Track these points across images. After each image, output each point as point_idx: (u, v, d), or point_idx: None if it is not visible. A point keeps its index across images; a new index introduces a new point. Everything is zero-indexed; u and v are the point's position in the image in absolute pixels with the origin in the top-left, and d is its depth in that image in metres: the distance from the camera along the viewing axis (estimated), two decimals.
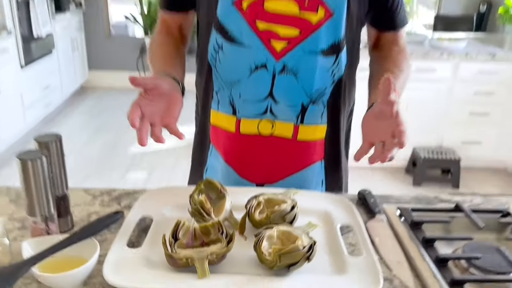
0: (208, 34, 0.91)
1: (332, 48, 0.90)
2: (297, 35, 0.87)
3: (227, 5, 0.87)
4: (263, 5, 0.86)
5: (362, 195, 0.94)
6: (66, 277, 0.64)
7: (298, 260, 0.67)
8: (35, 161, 0.69)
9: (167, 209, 0.82)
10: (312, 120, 0.95)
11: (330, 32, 0.88)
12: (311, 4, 0.86)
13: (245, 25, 0.87)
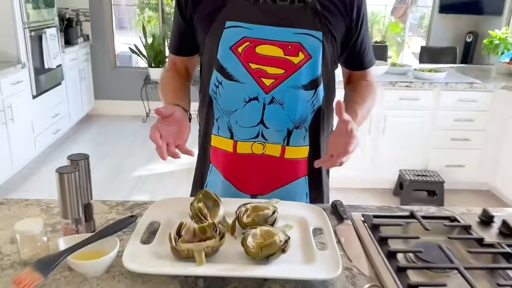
0: (210, 73, 1.12)
1: (311, 84, 1.10)
2: (282, 73, 1.08)
3: (226, 50, 1.07)
4: (255, 50, 1.06)
5: (334, 204, 1.13)
6: (93, 264, 0.82)
7: (275, 251, 0.85)
8: (70, 175, 0.88)
9: (172, 215, 1.01)
10: (296, 142, 1.15)
11: (309, 71, 1.09)
12: (293, 50, 1.07)
13: (240, 65, 1.07)
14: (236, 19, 1.05)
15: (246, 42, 1.05)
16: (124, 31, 7.45)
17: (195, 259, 0.84)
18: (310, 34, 1.06)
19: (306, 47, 1.06)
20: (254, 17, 1.05)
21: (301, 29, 1.06)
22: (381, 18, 6.79)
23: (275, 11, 1.06)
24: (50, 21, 3.87)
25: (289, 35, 1.06)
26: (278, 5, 1.06)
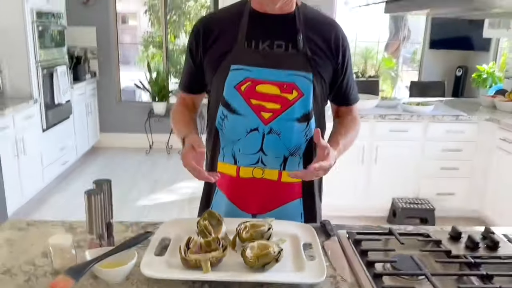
0: (216, 108, 1.29)
1: (304, 117, 1.28)
2: (279, 108, 1.26)
3: (230, 88, 1.25)
4: (255, 88, 1.25)
5: (323, 223, 1.28)
6: (116, 272, 0.97)
7: (270, 261, 1.00)
8: (96, 196, 1.04)
9: (180, 232, 1.16)
10: (291, 167, 1.31)
11: (302, 106, 1.27)
12: (288, 88, 1.25)
13: (243, 101, 1.25)
14: (239, 63, 1.24)
15: (248, 82, 1.24)
16: (127, 67, 7.75)
17: (202, 267, 0.99)
18: (302, 75, 1.25)
19: (299, 86, 1.25)
20: (255, 61, 1.24)
21: (295, 71, 1.25)
22: (375, 54, 7.09)
23: (272, 56, 1.25)
24: (61, 59, 4.12)
25: (284, 76, 1.24)
26: (275, 52, 1.26)
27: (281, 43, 1.25)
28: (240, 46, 1.25)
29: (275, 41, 1.25)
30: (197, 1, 6.85)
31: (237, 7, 1.31)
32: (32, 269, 1.03)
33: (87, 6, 4.95)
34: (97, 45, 5.08)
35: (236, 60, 1.24)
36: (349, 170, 3.23)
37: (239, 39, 1.25)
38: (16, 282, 0.98)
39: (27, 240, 1.18)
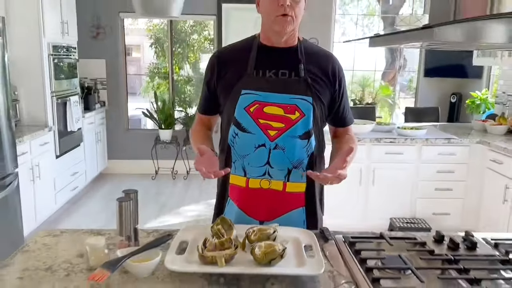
0: (228, 127, 1.49)
1: (305, 135, 1.47)
2: (283, 126, 1.45)
3: (241, 110, 1.45)
4: (263, 110, 1.44)
5: (322, 230, 1.45)
6: (145, 266, 1.13)
7: (276, 257, 1.16)
8: (126, 203, 1.22)
9: (196, 236, 1.32)
10: (295, 179, 1.49)
11: (303, 125, 1.46)
12: (291, 110, 1.45)
13: (252, 121, 1.45)
14: (249, 88, 1.45)
15: (256, 104, 1.44)
16: (132, 97, 8.02)
17: (217, 263, 1.15)
18: (303, 99, 1.45)
19: (300, 108, 1.45)
20: (262, 86, 1.45)
21: (297, 95, 1.45)
22: (372, 82, 7.35)
23: (277, 83, 1.45)
24: (73, 89, 4.35)
25: (287, 99, 1.44)
26: (280, 78, 1.46)
27: (285, 71, 1.46)
28: (249, 74, 1.45)
29: (280, 69, 1.46)
30: (201, 34, 7.17)
31: (247, 42, 1.53)
32: (70, 266, 1.19)
33: (97, 40, 5.23)
34: (106, 76, 5.34)
35: (246, 85, 1.45)
36: (348, 191, 3.40)
37: (249, 68, 1.46)
38: (57, 277, 1.14)
39: (62, 244, 1.34)
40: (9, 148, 2.94)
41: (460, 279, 1.14)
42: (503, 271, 1.20)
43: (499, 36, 0.88)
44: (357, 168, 3.43)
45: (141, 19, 7.01)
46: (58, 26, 4.00)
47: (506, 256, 1.28)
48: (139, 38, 10.11)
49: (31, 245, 1.33)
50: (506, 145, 3.19)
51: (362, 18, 8.27)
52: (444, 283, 1.13)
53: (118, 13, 5.28)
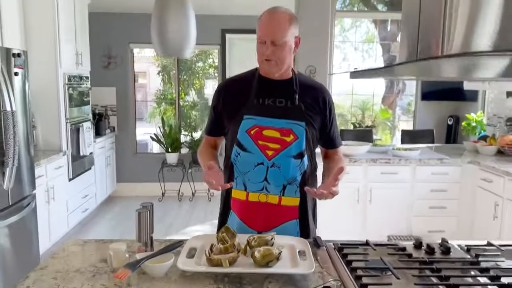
0: (232, 147, 1.69)
1: (299, 155, 1.67)
2: (279, 147, 1.65)
3: (243, 133, 1.65)
4: (262, 133, 1.65)
5: (314, 238, 1.63)
6: (159, 267, 1.32)
7: (273, 259, 1.35)
8: (144, 213, 1.42)
9: (204, 243, 1.51)
10: (289, 194, 1.68)
11: (297, 147, 1.66)
12: (286, 133, 1.65)
13: (252, 143, 1.65)
14: (250, 114, 1.66)
15: (256, 128, 1.65)
16: (139, 122, 8.31)
17: (222, 264, 1.34)
18: (297, 124, 1.66)
19: (295, 131, 1.65)
20: (262, 112, 1.66)
21: (292, 120, 1.66)
22: (371, 106, 7.58)
23: (275, 109, 1.66)
24: (86, 116, 4.60)
25: (283, 124, 1.65)
26: (277, 106, 1.67)
27: (282, 100, 1.68)
28: (251, 101, 1.67)
29: (277, 98, 1.67)
30: (206, 62, 7.49)
31: (250, 73, 1.76)
32: (95, 269, 1.39)
33: (108, 69, 5.53)
34: (116, 103, 5.61)
35: (248, 111, 1.66)
36: (346, 209, 3.57)
37: (251, 97, 1.67)
38: (86, 276, 1.33)
39: (87, 251, 1.54)
40: (27, 171, 3.15)
41: (432, 277, 1.32)
42: (472, 271, 1.38)
43: (450, 72, 1.08)
44: (355, 187, 3.61)
45: (147, 48, 7.33)
46: (73, 57, 4.29)
47: (475, 259, 1.46)
48: (145, 65, 10.49)
49: (60, 252, 1.53)
50: (495, 165, 3.37)
51: (362, 44, 8.59)
52: (418, 281, 1.30)
53: (128, 43, 5.59)
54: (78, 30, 4.39)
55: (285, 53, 1.62)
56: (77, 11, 4.38)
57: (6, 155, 2.78)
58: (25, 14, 3.81)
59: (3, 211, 2.83)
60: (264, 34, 1.60)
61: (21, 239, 3.06)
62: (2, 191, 2.82)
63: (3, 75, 2.79)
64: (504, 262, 1.44)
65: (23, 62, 3.09)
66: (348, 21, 8.30)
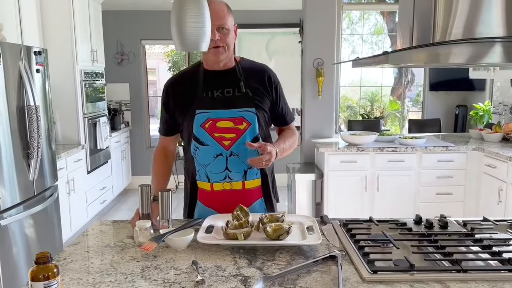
0: (190, 142, 1.76)
1: (253, 140, 1.74)
2: (234, 136, 1.73)
3: (198, 127, 1.73)
4: (216, 125, 1.72)
5: (321, 216, 1.76)
6: (182, 240, 1.46)
7: (283, 233, 1.48)
8: (167, 193, 1.57)
9: (220, 221, 1.65)
10: (251, 177, 1.77)
11: (251, 133, 1.74)
12: (239, 121, 1.73)
13: (208, 136, 1.73)
14: (202, 108, 1.73)
15: (210, 121, 1.72)
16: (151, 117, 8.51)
17: (238, 238, 1.48)
18: (248, 110, 1.73)
19: (246, 118, 1.73)
20: (213, 105, 1.73)
21: (242, 108, 1.73)
22: (380, 97, 7.67)
23: (224, 100, 1.73)
24: (102, 111, 4.78)
25: (235, 113, 1.72)
26: (226, 96, 1.74)
27: (229, 90, 1.75)
28: (200, 96, 1.73)
29: (225, 89, 1.75)
30: None
31: (193, 68, 1.82)
32: (123, 244, 1.54)
33: (121, 66, 5.70)
34: (130, 99, 5.78)
35: (199, 106, 1.73)
36: (354, 197, 3.69)
37: (199, 91, 1.74)
38: (115, 250, 1.48)
39: (114, 230, 1.69)
40: (50, 164, 3.33)
41: (430, 247, 1.44)
42: (466, 242, 1.50)
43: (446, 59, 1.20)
44: (362, 176, 3.73)
45: (157, 44, 7.48)
46: (88, 54, 4.45)
47: (471, 232, 1.57)
48: (155, 62, 10.68)
49: (90, 231, 1.68)
50: (499, 151, 3.46)
51: (371, 36, 8.65)
52: (416, 250, 1.43)
53: (140, 40, 5.74)
54: (92, 28, 4.56)
55: (230, 39, 1.69)
56: (91, 10, 4.55)
57: (31, 148, 2.96)
58: (42, 14, 3.98)
59: (28, 201, 3.01)
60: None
61: (45, 228, 3.24)
62: (27, 182, 3.00)
63: (26, 72, 2.95)
64: (497, 234, 1.56)
65: (43, 60, 3.26)
66: (356, 14, 8.36)
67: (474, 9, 1.27)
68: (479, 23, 1.27)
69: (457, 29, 1.25)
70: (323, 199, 3.78)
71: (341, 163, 3.74)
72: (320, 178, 3.83)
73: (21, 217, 2.89)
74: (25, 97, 2.91)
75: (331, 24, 4.19)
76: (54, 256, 1.42)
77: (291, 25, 5.12)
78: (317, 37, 4.21)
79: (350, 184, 3.74)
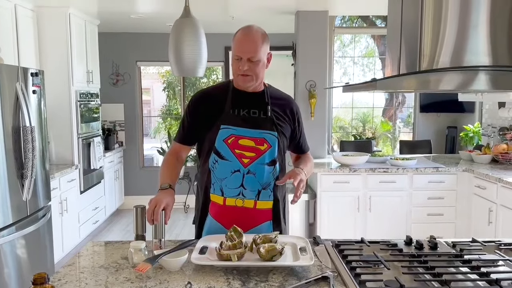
0: (209, 155, 1.80)
1: (271, 162, 1.81)
2: (254, 156, 1.79)
3: (220, 141, 1.78)
4: (238, 142, 1.78)
5: (314, 237, 1.79)
6: (175, 261, 1.48)
7: (276, 254, 1.50)
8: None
9: (214, 242, 1.67)
10: (264, 198, 1.81)
11: (270, 155, 1.80)
12: (260, 142, 1.79)
13: (229, 151, 1.78)
14: (227, 124, 1.78)
15: (233, 137, 1.78)
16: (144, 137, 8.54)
17: (231, 259, 1.49)
18: (270, 133, 1.80)
19: (268, 140, 1.80)
20: (238, 123, 1.79)
21: (265, 130, 1.79)
22: (371, 118, 7.77)
23: (249, 120, 1.80)
24: (96, 131, 4.80)
25: (257, 133, 1.79)
26: (251, 117, 1.80)
27: (255, 111, 1.81)
28: (227, 112, 1.79)
29: (251, 109, 1.81)
30: (210, 78, 7.71)
31: (224, 85, 1.89)
32: (117, 265, 1.55)
33: (117, 86, 5.75)
34: (124, 118, 5.81)
35: (224, 122, 1.78)
36: (348, 217, 3.72)
37: (226, 108, 1.80)
38: (109, 271, 1.49)
39: (108, 251, 1.70)
40: (43, 184, 3.33)
41: (420, 267, 1.47)
42: (455, 263, 1.53)
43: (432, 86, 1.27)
44: (355, 196, 3.76)
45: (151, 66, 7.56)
46: (84, 75, 4.50)
47: (460, 253, 1.61)
48: (150, 82, 10.77)
49: (84, 252, 1.69)
50: (488, 172, 3.53)
51: (362, 59, 8.82)
52: (406, 271, 1.46)
53: (136, 62, 5.82)
54: (88, 50, 4.62)
55: (260, 69, 1.76)
56: (88, 32, 4.62)
57: (25, 168, 2.96)
58: (40, 36, 4.04)
59: (21, 221, 3.00)
60: (240, 51, 1.72)
61: (37, 249, 3.21)
62: (21, 202, 2.99)
63: (23, 92, 2.99)
64: (485, 255, 1.59)
65: (40, 81, 3.30)
66: (348, 37, 8.53)
67: (461, 38, 1.34)
68: (466, 51, 1.33)
69: (444, 57, 1.32)
70: (316, 219, 3.80)
71: (334, 184, 3.78)
72: (313, 198, 3.86)
73: (13, 237, 2.87)
74: (21, 118, 2.93)
75: (323, 48, 4.29)
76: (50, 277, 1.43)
77: (284, 48, 5.23)
78: (309, 60, 4.30)
79: (343, 204, 3.77)
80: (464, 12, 1.30)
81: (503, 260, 1.54)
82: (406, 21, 1.41)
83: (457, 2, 1.29)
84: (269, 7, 4.28)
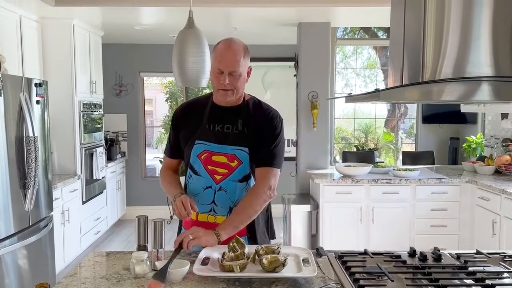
0: (186, 169, 1.82)
1: (243, 178, 1.80)
2: (227, 172, 1.77)
3: (194, 157, 1.78)
4: (211, 158, 1.77)
5: (317, 248, 1.78)
6: (178, 272, 1.47)
7: (279, 265, 1.49)
8: (158, 222, 1.58)
9: (217, 253, 1.66)
10: None
11: (241, 171, 1.79)
12: (231, 158, 1.77)
13: (202, 167, 1.78)
14: (201, 139, 1.78)
15: (206, 153, 1.78)
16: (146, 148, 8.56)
17: (234, 270, 1.49)
18: (241, 149, 1.77)
19: (238, 157, 1.78)
20: (211, 139, 1.78)
21: (236, 146, 1.77)
22: (374, 129, 7.77)
23: (222, 135, 1.78)
24: (99, 142, 4.81)
25: (229, 149, 1.77)
26: (224, 132, 1.79)
27: (229, 126, 1.79)
28: (203, 127, 1.79)
29: (225, 124, 1.79)
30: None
31: (204, 99, 1.88)
32: (119, 276, 1.54)
33: (120, 97, 5.78)
34: (127, 129, 5.83)
35: (199, 137, 1.78)
36: (350, 228, 3.70)
37: (204, 122, 1.80)
38: (111, 282, 1.48)
39: (110, 261, 1.69)
40: (45, 194, 3.33)
41: (424, 279, 1.45)
42: (460, 275, 1.51)
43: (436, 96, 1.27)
44: (358, 207, 3.75)
45: (154, 76, 7.60)
46: (87, 86, 4.53)
47: (464, 264, 1.59)
48: (152, 92, 10.83)
49: (85, 262, 1.68)
50: (492, 183, 3.51)
51: (364, 70, 8.86)
52: (410, 283, 1.44)
53: (139, 72, 5.85)
54: (92, 61, 4.65)
55: (240, 83, 1.73)
56: (92, 43, 4.65)
57: (28, 178, 2.97)
58: (44, 47, 4.07)
59: (23, 232, 2.99)
60: (221, 65, 1.69)
61: (38, 260, 3.20)
62: (23, 212, 2.99)
63: (26, 103, 3.00)
64: (490, 267, 1.58)
65: (43, 91, 3.32)
66: (350, 48, 8.58)
67: (463, 49, 1.34)
68: (469, 63, 1.34)
69: (446, 69, 1.32)
70: (318, 230, 3.78)
71: (336, 194, 3.77)
72: (315, 209, 3.85)
73: (15, 248, 2.87)
74: (24, 128, 2.95)
75: (325, 59, 4.31)
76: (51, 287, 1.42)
77: (286, 59, 5.26)
78: (311, 71, 4.32)
79: (345, 215, 3.75)
80: (466, 24, 1.31)
81: (508, 272, 1.53)
82: (408, 33, 1.42)
83: (459, 14, 1.30)
84: (272, 19, 4.31)
